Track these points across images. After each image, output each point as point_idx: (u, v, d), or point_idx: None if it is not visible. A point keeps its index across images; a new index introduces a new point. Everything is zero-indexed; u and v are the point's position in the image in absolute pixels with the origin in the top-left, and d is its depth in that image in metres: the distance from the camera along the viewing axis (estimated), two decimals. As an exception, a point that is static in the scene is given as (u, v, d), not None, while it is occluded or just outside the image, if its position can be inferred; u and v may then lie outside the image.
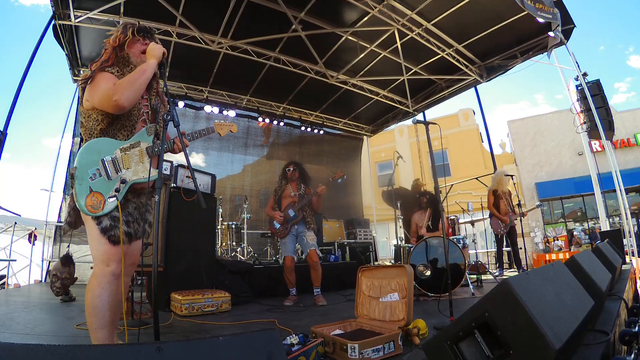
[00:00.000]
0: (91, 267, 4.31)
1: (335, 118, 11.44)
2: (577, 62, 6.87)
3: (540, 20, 5.83)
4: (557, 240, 14.17)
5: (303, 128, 10.99)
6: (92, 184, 1.93)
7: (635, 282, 4.36)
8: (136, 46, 2.17)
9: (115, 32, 2.19)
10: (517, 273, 6.42)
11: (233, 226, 7.59)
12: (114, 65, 2.11)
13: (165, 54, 2.12)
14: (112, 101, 1.90)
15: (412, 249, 4.91)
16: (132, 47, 2.16)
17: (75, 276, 4.93)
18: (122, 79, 1.97)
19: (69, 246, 6.78)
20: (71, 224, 2.12)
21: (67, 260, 4.85)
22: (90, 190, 1.92)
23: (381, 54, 8.13)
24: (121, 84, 1.93)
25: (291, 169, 4.93)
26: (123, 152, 2.02)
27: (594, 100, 6.68)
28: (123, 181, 1.99)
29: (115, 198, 1.96)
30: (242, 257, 7.20)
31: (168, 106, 2.05)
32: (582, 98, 6.96)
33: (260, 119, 10.07)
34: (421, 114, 10.56)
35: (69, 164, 7.83)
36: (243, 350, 0.86)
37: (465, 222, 7.80)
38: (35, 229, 9.49)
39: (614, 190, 6.58)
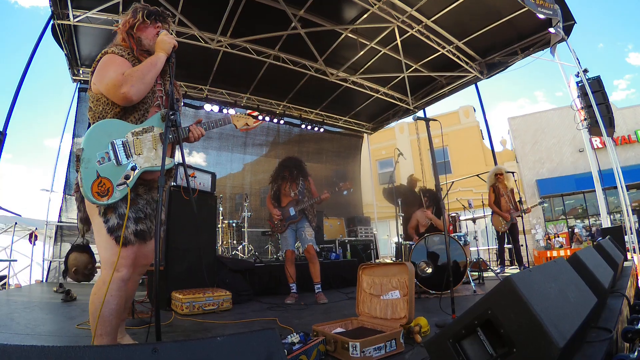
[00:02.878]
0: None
1: (336, 116, 11.43)
2: (577, 59, 6.85)
3: (541, 16, 5.80)
4: (559, 237, 14.14)
5: (303, 126, 10.98)
6: (99, 169, 1.75)
7: (637, 279, 4.34)
8: (149, 30, 2.05)
9: (124, 16, 2.07)
10: (518, 270, 6.41)
11: (234, 224, 7.58)
12: (126, 48, 2.01)
13: (176, 46, 2.02)
14: (120, 92, 1.78)
15: (413, 246, 4.90)
16: (144, 30, 2.05)
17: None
18: (131, 71, 1.84)
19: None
20: (84, 220, 1.96)
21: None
22: (97, 175, 1.74)
23: (381, 51, 8.11)
24: (132, 76, 1.80)
25: (287, 175, 4.85)
26: (135, 136, 1.86)
27: (595, 96, 6.66)
28: (134, 168, 1.83)
29: (125, 185, 1.80)
30: (243, 256, 7.20)
31: (177, 103, 1.95)
32: (583, 94, 6.94)
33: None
34: (421, 111, 10.54)
35: (69, 164, 7.82)
36: (241, 350, 0.84)
37: (466, 219, 7.79)
38: (36, 229, 9.50)
39: (615, 187, 6.57)
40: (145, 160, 1.87)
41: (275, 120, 10.40)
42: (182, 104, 8.23)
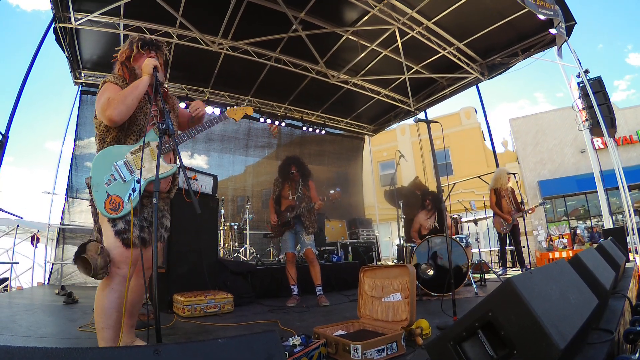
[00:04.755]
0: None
1: (337, 118, 11.44)
2: (578, 59, 6.85)
3: (541, 17, 5.80)
4: (563, 238, 14.11)
5: (304, 128, 10.97)
6: (108, 189, 2.02)
7: (639, 280, 4.33)
8: (142, 59, 2.22)
9: (122, 47, 2.28)
10: (520, 272, 6.39)
11: (235, 227, 7.58)
12: (121, 77, 2.21)
13: (158, 68, 2.17)
14: (105, 115, 2.00)
15: (414, 248, 4.89)
16: (138, 60, 2.23)
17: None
18: (115, 95, 2.04)
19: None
20: (100, 232, 2.16)
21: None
22: (107, 194, 2.01)
23: (382, 53, 8.12)
24: (114, 100, 2.01)
25: (294, 171, 4.87)
26: (133, 154, 2.09)
27: (596, 97, 6.65)
28: (138, 181, 2.05)
29: (134, 196, 2.04)
30: (245, 258, 7.20)
31: (169, 113, 2.11)
32: (584, 95, 6.93)
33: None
34: (423, 112, 10.54)
35: (70, 167, 7.84)
36: (242, 352, 0.85)
37: (468, 221, 7.78)
38: (38, 231, 9.51)
39: (617, 188, 6.55)
40: (148, 172, 2.09)
41: (276, 123, 10.41)
42: (185, 105, 8.24)
